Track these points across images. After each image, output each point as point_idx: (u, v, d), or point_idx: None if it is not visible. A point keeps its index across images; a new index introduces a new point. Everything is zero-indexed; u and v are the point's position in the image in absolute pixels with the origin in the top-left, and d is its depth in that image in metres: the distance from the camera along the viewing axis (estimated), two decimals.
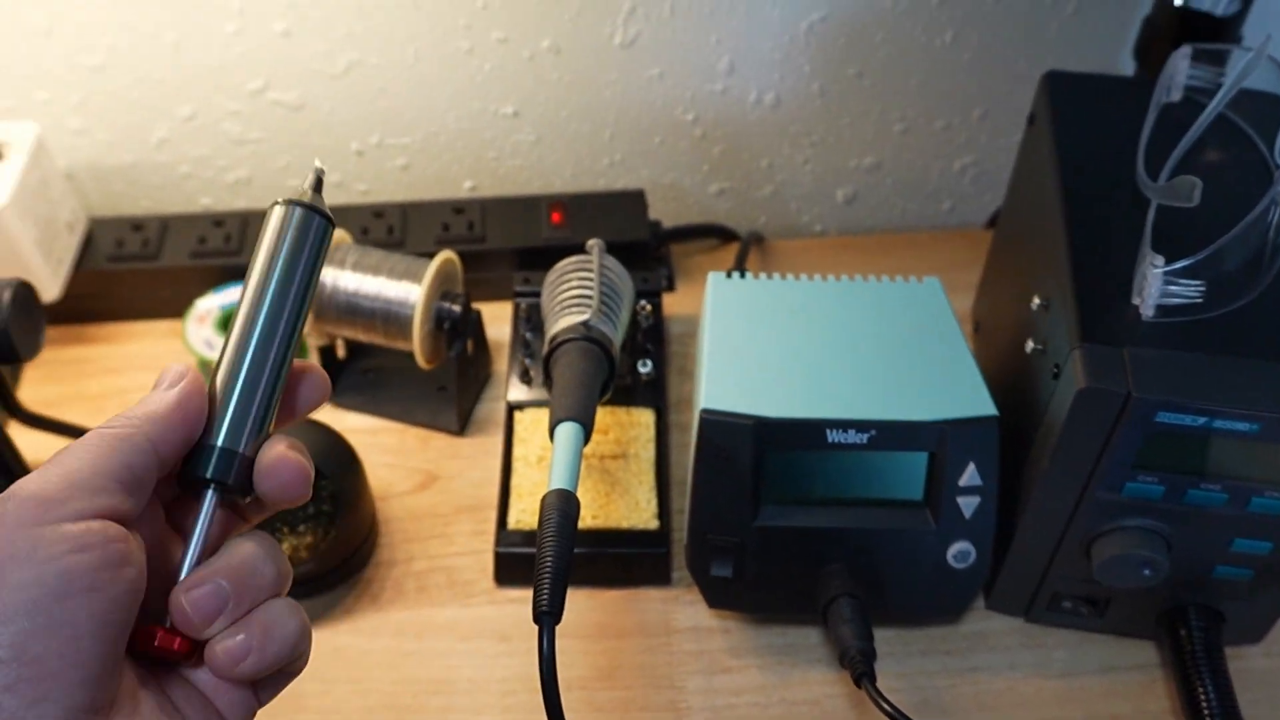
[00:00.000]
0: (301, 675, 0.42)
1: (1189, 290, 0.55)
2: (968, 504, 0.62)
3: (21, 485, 0.36)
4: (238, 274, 0.85)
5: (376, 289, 0.74)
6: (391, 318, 0.74)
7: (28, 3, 0.80)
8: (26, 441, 0.71)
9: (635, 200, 0.90)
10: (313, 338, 0.78)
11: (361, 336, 0.77)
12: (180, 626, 0.39)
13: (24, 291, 0.60)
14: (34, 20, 0.81)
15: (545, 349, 0.69)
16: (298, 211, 0.42)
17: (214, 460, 0.40)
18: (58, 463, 0.37)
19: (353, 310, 0.75)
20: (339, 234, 0.77)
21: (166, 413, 0.39)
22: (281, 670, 0.41)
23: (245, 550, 0.40)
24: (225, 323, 0.82)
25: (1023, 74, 0.90)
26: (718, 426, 0.62)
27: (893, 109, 0.92)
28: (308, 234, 0.42)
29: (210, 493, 0.40)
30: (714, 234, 0.96)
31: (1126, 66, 0.84)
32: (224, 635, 0.39)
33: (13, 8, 0.80)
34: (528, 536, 0.71)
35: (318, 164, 0.44)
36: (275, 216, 0.42)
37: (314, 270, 0.43)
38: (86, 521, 0.36)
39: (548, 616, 0.51)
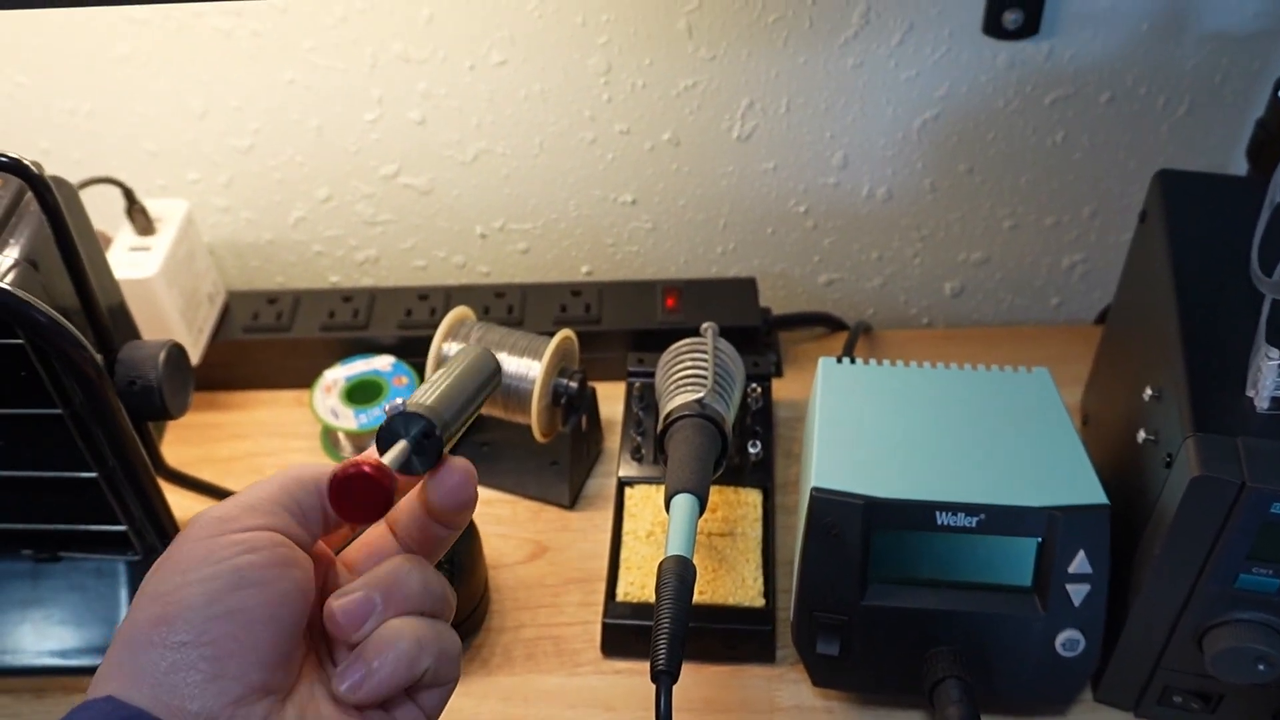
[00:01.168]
0: None
1: None
2: (1077, 592, 0.62)
3: (207, 509, 0.42)
4: (364, 347, 0.89)
5: None
6: (511, 392, 0.77)
7: (187, 87, 0.86)
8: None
9: (747, 287, 0.92)
10: None
11: (482, 409, 0.79)
12: (333, 632, 0.43)
13: (177, 352, 0.64)
14: (192, 104, 0.87)
15: (660, 424, 0.71)
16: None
17: (417, 411, 0.44)
18: (239, 493, 0.43)
19: None
20: (463, 310, 0.80)
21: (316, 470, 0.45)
22: (423, 684, 0.45)
23: (394, 563, 0.45)
24: (350, 394, 0.86)
25: (1133, 174, 0.92)
26: (828, 505, 0.63)
27: (1002, 206, 0.94)
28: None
29: (404, 441, 0.44)
30: (823, 322, 0.99)
31: (1239, 168, 0.85)
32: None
33: (173, 90, 0.86)
34: (636, 609, 0.72)
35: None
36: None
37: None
38: (255, 531, 0.41)
39: (665, 676, 0.53)
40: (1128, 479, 0.65)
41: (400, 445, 0.44)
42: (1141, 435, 0.63)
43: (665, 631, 0.54)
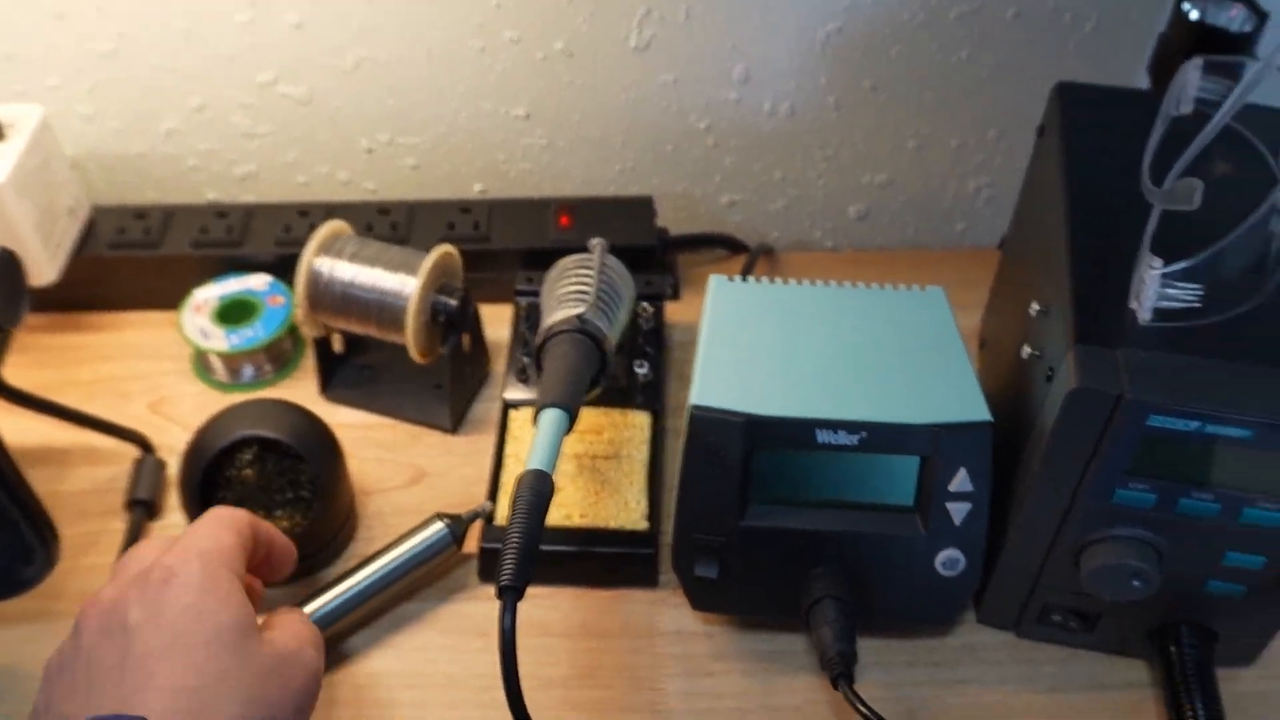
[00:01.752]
0: None
1: (1187, 294, 0.53)
2: (958, 510, 0.60)
3: (229, 595, 0.51)
4: (238, 265, 0.85)
5: (372, 280, 0.74)
6: (386, 309, 0.74)
7: None
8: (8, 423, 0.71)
9: (643, 206, 0.89)
10: (308, 328, 0.77)
11: (356, 329, 0.76)
12: None
13: (5, 258, 0.60)
14: (48, 3, 0.81)
15: (539, 340, 0.68)
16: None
17: None
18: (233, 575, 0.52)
19: (348, 301, 0.74)
20: (338, 224, 0.77)
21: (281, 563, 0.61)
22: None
23: None
24: (222, 314, 0.81)
25: (1039, 94, 0.88)
26: (707, 423, 0.61)
27: (907, 125, 0.91)
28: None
29: None
30: (723, 244, 0.96)
31: (1143, 83, 0.83)
32: None
33: None
34: None
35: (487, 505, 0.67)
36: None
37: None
38: (272, 637, 0.52)
39: (510, 591, 0.51)
40: (1013, 396, 0.63)
41: None
42: (1026, 350, 0.61)
43: (514, 545, 0.52)
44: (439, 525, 0.68)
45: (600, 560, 0.70)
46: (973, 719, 0.63)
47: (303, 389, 0.82)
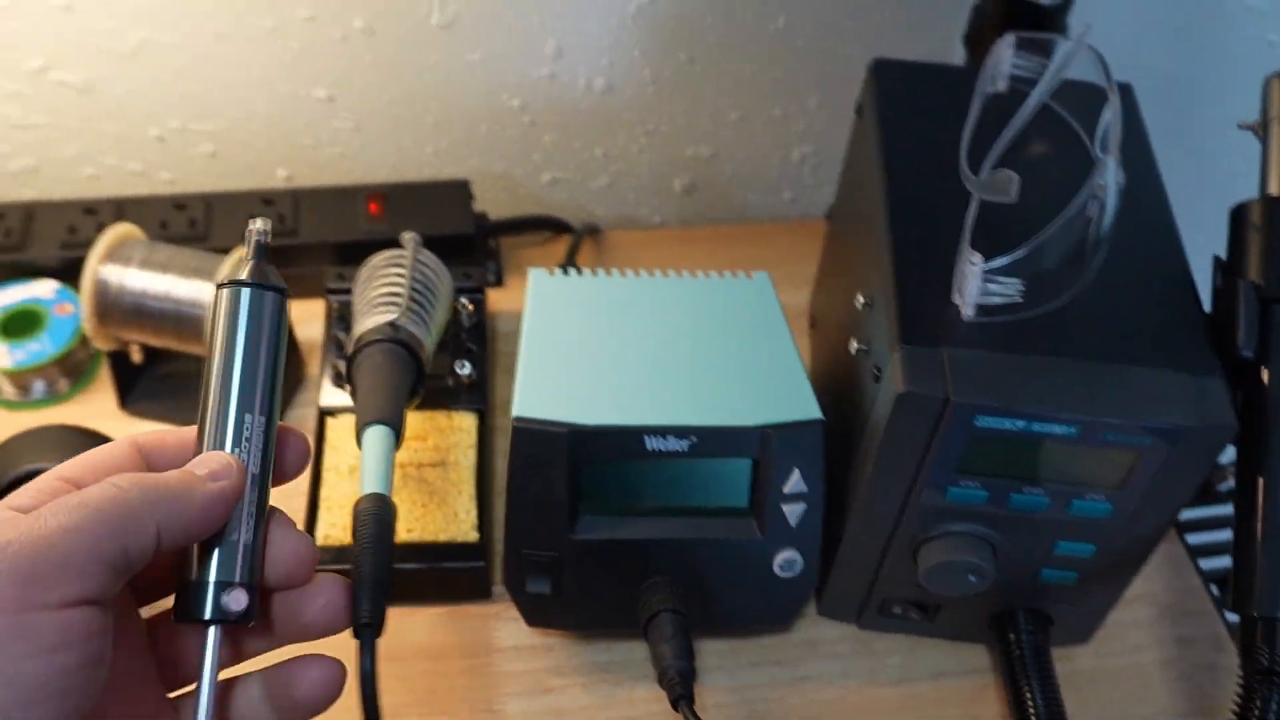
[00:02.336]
0: None
1: (1009, 289, 0.53)
2: (793, 511, 0.59)
3: (15, 554, 0.33)
4: (20, 271, 0.78)
5: (165, 288, 0.68)
6: (183, 319, 0.68)
7: None
8: None
9: (459, 190, 0.85)
10: (99, 341, 0.71)
11: (152, 340, 0.71)
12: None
13: None
14: None
15: (350, 350, 0.64)
16: (245, 293, 0.39)
17: (210, 600, 0.38)
18: (57, 529, 0.34)
19: (140, 312, 0.69)
20: (125, 228, 0.71)
21: (189, 506, 0.37)
22: None
23: None
24: (5, 326, 0.75)
25: (857, 61, 0.87)
26: (531, 436, 0.58)
27: (726, 97, 0.89)
28: (262, 317, 0.40)
29: (213, 631, 0.38)
30: (547, 226, 0.92)
31: (959, 54, 0.83)
32: None
33: None
34: (340, 553, 0.66)
35: (257, 224, 0.41)
36: (222, 304, 0.39)
37: (279, 354, 0.40)
38: (73, 609, 0.33)
39: (368, 629, 0.47)
40: (844, 391, 0.62)
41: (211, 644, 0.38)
42: (854, 345, 0.60)
43: (366, 579, 0.48)
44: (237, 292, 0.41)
45: (431, 576, 0.66)
46: (817, 715, 0.63)
47: (101, 402, 0.76)
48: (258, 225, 0.41)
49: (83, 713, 0.34)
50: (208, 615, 0.38)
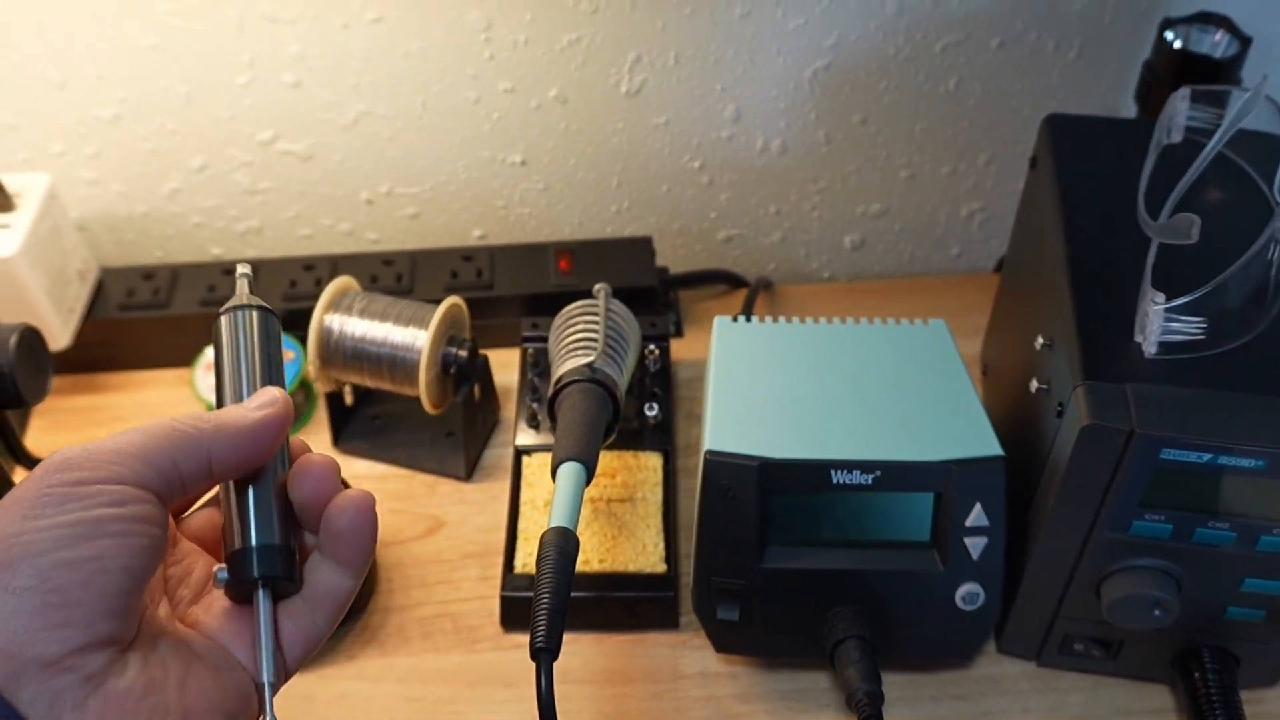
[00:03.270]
0: None
1: (1191, 327, 0.54)
2: (975, 545, 0.61)
3: (72, 447, 0.38)
4: None
5: (383, 334, 0.74)
6: (398, 363, 0.74)
7: (43, 56, 0.81)
8: None
9: (642, 247, 0.90)
10: (320, 384, 0.78)
11: (368, 382, 0.77)
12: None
13: (30, 336, 0.61)
14: (49, 74, 0.82)
15: (550, 391, 0.69)
16: (253, 314, 0.45)
17: (255, 562, 0.41)
18: (115, 434, 0.39)
19: (359, 356, 0.75)
20: (345, 280, 0.77)
21: (238, 432, 0.41)
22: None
23: None
24: None
25: (1027, 119, 0.91)
26: (722, 468, 0.62)
27: (898, 155, 0.93)
28: (267, 331, 0.46)
29: (262, 593, 0.42)
30: (722, 280, 0.97)
31: (1130, 111, 0.85)
32: None
33: (28, 61, 0.81)
34: (533, 581, 0.70)
35: (242, 269, 0.48)
36: (225, 326, 0.45)
37: (275, 348, 0.46)
38: (119, 485, 0.38)
39: (545, 654, 0.51)
40: (1023, 429, 0.64)
41: (263, 634, 0.41)
42: (1035, 385, 0.62)
43: (545, 607, 0.52)
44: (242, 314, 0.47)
45: (621, 604, 0.70)
46: None
47: (315, 441, 0.82)
48: (241, 269, 0.48)
49: (148, 557, 0.38)
50: (256, 574, 0.41)
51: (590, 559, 0.71)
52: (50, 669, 0.36)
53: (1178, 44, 0.76)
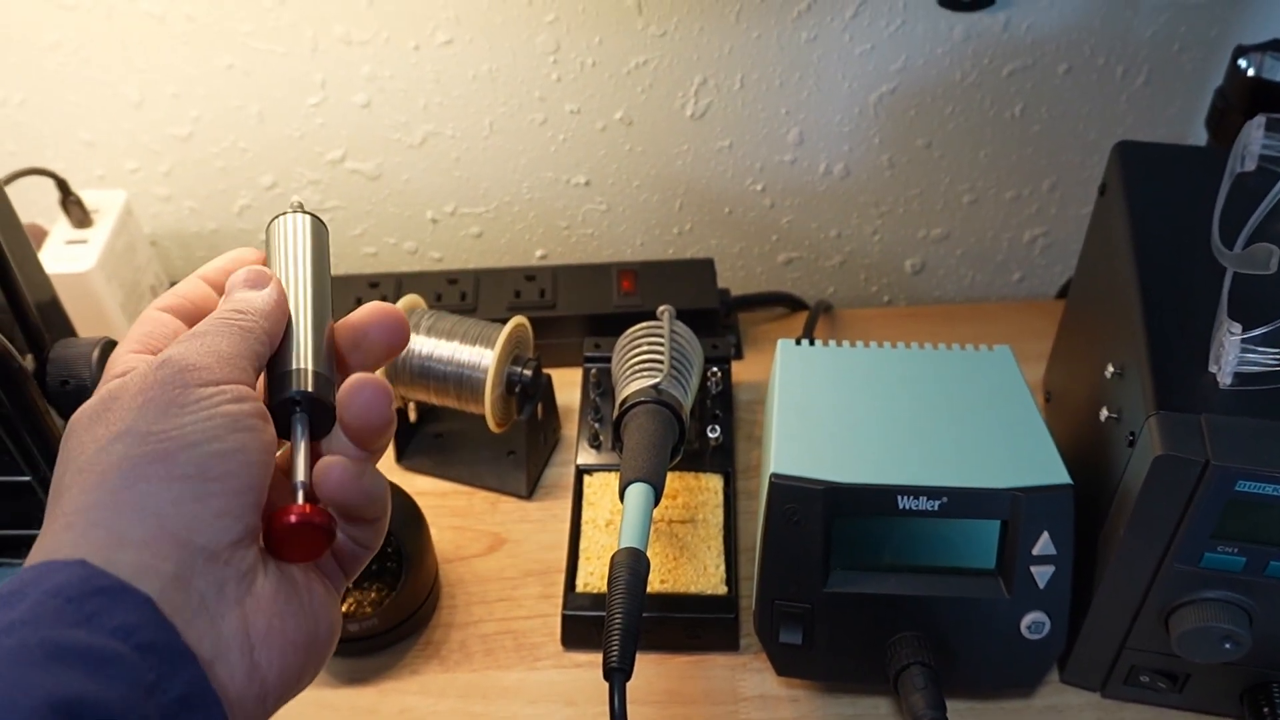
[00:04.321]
0: None
1: (1267, 358, 0.54)
2: (1042, 574, 0.61)
3: (173, 354, 0.39)
4: None
5: (450, 353, 0.75)
6: (464, 381, 0.75)
7: (121, 74, 0.83)
8: None
9: (704, 269, 0.91)
10: None
11: (434, 399, 0.78)
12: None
13: (110, 349, 0.62)
14: (127, 92, 0.84)
15: (616, 412, 0.69)
16: (307, 218, 0.47)
17: (297, 378, 0.42)
18: (200, 339, 0.40)
19: (426, 373, 0.76)
20: (413, 298, 0.78)
21: (273, 310, 0.42)
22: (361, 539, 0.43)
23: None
24: None
25: (1093, 145, 0.91)
26: (788, 491, 0.62)
27: (962, 180, 0.93)
28: (320, 231, 0.47)
29: (299, 411, 0.42)
30: (782, 302, 0.97)
31: (1198, 138, 0.84)
32: None
33: (108, 80, 0.83)
34: (596, 599, 0.71)
35: (295, 199, 0.48)
36: (277, 229, 0.46)
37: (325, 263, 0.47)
38: (233, 384, 0.39)
39: (619, 673, 0.51)
40: (1091, 458, 0.64)
41: (302, 447, 0.41)
42: (1104, 413, 0.62)
43: (618, 627, 0.53)
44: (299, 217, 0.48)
45: (682, 625, 0.70)
46: None
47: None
48: (296, 200, 0.48)
49: (271, 452, 0.39)
50: (294, 391, 0.41)
51: (652, 580, 0.71)
52: (213, 561, 0.36)
53: (1250, 71, 0.75)
